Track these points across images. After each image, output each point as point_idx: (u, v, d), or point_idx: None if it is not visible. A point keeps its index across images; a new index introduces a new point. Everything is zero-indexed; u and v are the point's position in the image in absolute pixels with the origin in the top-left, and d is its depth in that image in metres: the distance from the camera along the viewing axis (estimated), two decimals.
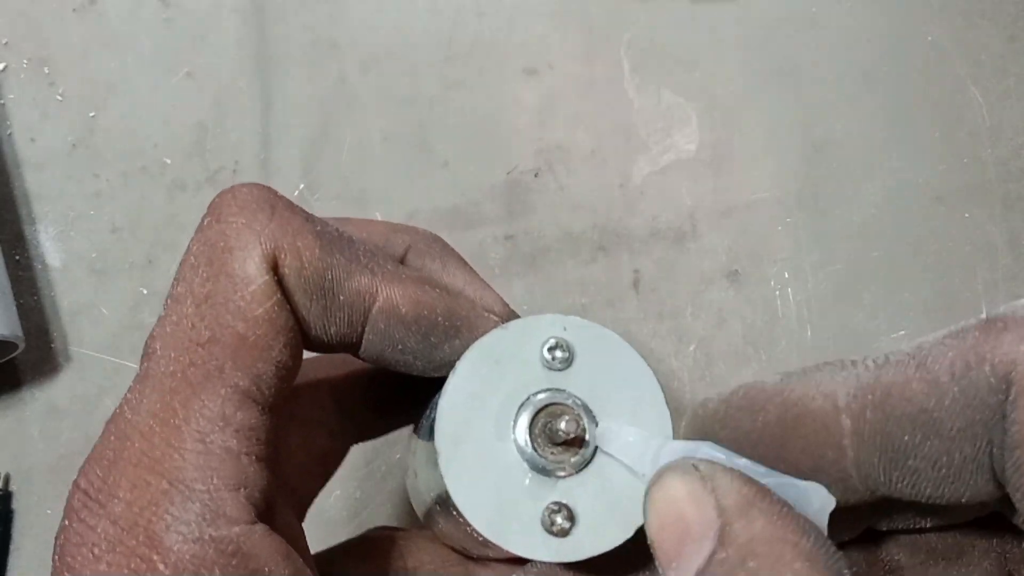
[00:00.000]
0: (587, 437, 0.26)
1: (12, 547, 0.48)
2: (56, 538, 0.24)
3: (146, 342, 0.26)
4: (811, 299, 0.54)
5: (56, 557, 0.24)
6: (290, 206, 0.27)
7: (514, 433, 0.26)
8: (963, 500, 0.23)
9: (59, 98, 0.53)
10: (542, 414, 0.26)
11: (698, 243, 0.54)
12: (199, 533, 0.23)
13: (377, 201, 0.53)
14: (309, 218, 0.27)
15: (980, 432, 0.22)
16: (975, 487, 0.22)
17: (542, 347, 0.27)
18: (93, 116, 0.53)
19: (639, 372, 0.27)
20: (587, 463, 0.26)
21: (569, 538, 0.25)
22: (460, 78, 0.55)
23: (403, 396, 0.33)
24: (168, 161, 0.53)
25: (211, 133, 0.54)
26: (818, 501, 0.22)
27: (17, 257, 0.51)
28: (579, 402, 0.27)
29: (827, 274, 0.54)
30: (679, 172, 0.55)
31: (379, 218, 0.53)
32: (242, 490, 0.24)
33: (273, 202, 0.26)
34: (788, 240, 0.54)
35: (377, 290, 0.27)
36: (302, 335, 0.27)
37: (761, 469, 0.23)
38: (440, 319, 0.27)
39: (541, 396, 0.26)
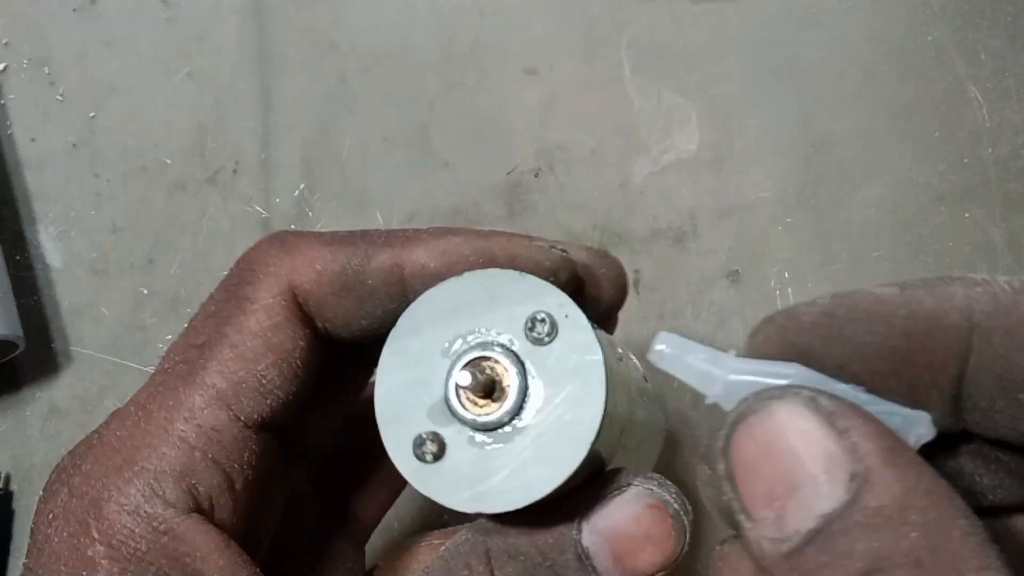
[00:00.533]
0: (509, 383, 0.25)
1: (12, 547, 0.48)
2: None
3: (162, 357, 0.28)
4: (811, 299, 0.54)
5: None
6: (300, 233, 0.28)
7: (446, 395, 0.26)
8: None
9: (59, 98, 0.53)
10: (466, 368, 0.26)
11: (698, 243, 0.54)
12: (135, 507, 0.25)
13: (377, 201, 0.53)
14: (320, 234, 0.28)
15: None
16: None
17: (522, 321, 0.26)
18: (93, 116, 0.53)
19: (585, 345, 0.26)
20: (504, 423, 0.25)
21: (432, 468, 0.25)
22: (460, 78, 0.55)
23: None
24: (168, 161, 0.53)
25: (211, 133, 0.54)
26: (923, 428, 0.21)
27: (17, 257, 0.51)
28: (504, 350, 0.26)
29: (827, 274, 0.54)
30: (679, 172, 0.55)
31: (379, 218, 0.53)
32: (186, 479, 0.25)
33: (284, 237, 0.28)
34: (788, 240, 0.54)
35: (400, 258, 0.27)
36: (347, 332, 0.28)
37: (863, 395, 0.21)
38: (472, 259, 0.27)
39: (465, 352, 0.26)
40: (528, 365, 0.26)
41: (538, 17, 0.56)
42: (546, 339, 0.26)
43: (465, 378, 0.25)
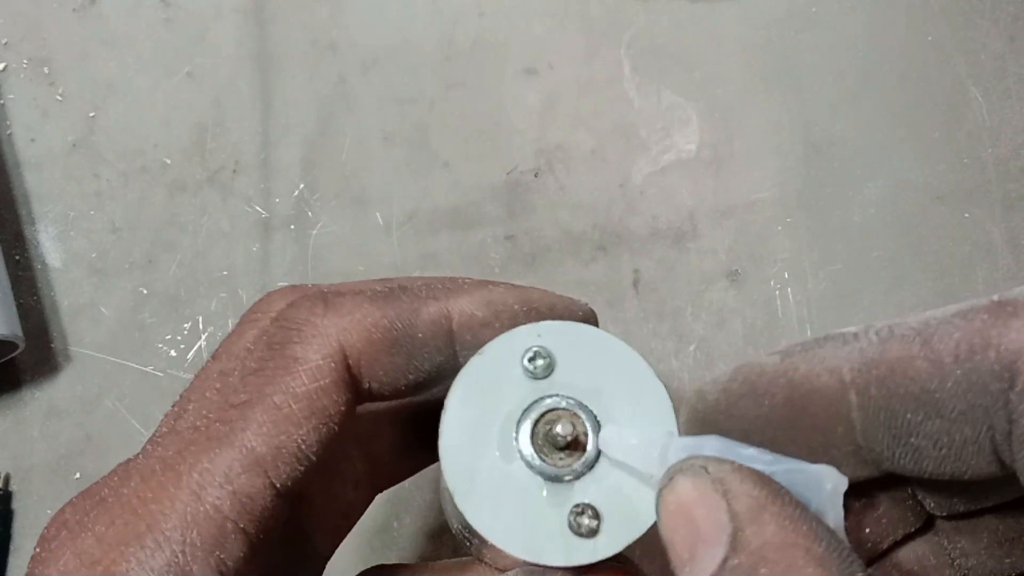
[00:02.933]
0: (588, 435, 0.26)
1: (12, 547, 0.48)
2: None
3: (174, 403, 0.26)
4: (811, 299, 0.54)
5: None
6: (337, 289, 0.27)
7: (519, 449, 0.26)
8: (965, 477, 0.22)
9: (59, 98, 0.53)
10: (540, 423, 0.26)
11: (698, 243, 0.54)
12: None
13: (377, 201, 0.53)
14: (360, 289, 0.27)
15: (981, 416, 0.21)
16: (976, 467, 0.22)
17: (522, 359, 0.27)
18: (93, 116, 0.53)
19: (630, 362, 0.27)
20: (595, 462, 0.26)
21: (600, 536, 0.25)
22: (460, 78, 0.55)
23: (431, 433, 0.33)
24: (168, 161, 0.53)
25: (211, 133, 0.54)
26: (830, 483, 0.22)
27: (17, 257, 0.51)
28: (572, 402, 0.26)
29: (827, 274, 0.54)
30: (679, 172, 0.55)
31: (379, 218, 0.53)
32: (215, 554, 0.23)
33: (324, 296, 0.27)
34: (788, 240, 0.54)
35: (447, 309, 0.27)
36: (400, 388, 0.27)
37: (768, 456, 0.23)
38: (516, 307, 0.27)
39: (534, 407, 0.26)
40: (598, 416, 0.27)
41: (538, 17, 0.56)
42: (542, 375, 0.27)
43: (567, 427, 0.25)
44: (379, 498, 0.34)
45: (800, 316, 0.53)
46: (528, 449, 0.26)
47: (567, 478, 0.26)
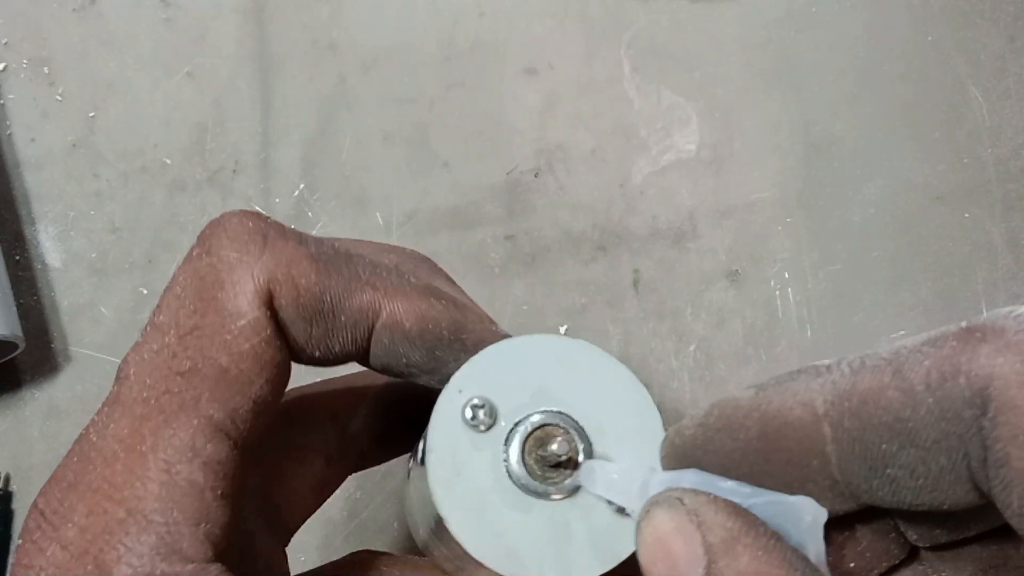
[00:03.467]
0: (580, 455, 0.26)
1: (12, 547, 0.48)
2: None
3: (120, 366, 0.25)
4: (811, 299, 0.54)
5: None
6: (283, 232, 0.26)
7: (507, 459, 0.26)
8: (944, 507, 0.22)
9: (59, 98, 0.53)
10: (531, 439, 0.26)
11: (698, 243, 0.54)
12: (151, 567, 0.22)
13: (377, 201, 0.53)
14: (303, 240, 0.26)
15: (956, 444, 0.21)
16: (954, 496, 0.22)
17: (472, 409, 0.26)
18: (93, 116, 0.53)
19: (636, 396, 0.27)
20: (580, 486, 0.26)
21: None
22: (460, 78, 0.55)
23: (407, 423, 0.32)
24: (168, 161, 0.53)
25: (211, 133, 0.54)
26: (809, 514, 0.22)
27: (17, 257, 0.51)
28: (571, 422, 0.26)
29: (827, 274, 0.54)
30: (679, 172, 0.55)
31: (379, 219, 0.53)
32: (202, 525, 0.23)
33: (265, 231, 0.26)
34: (788, 240, 0.54)
35: (380, 305, 0.26)
36: (303, 355, 0.26)
37: (747, 489, 0.23)
38: (445, 333, 0.27)
39: (524, 422, 0.26)
40: (590, 436, 0.26)
41: (538, 17, 0.56)
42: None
43: (562, 447, 0.25)
44: (377, 499, 0.34)
45: (800, 316, 0.53)
46: (517, 466, 0.26)
47: (555, 496, 0.26)
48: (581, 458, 0.26)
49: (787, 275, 0.54)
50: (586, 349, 0.27)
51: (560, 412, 0.26)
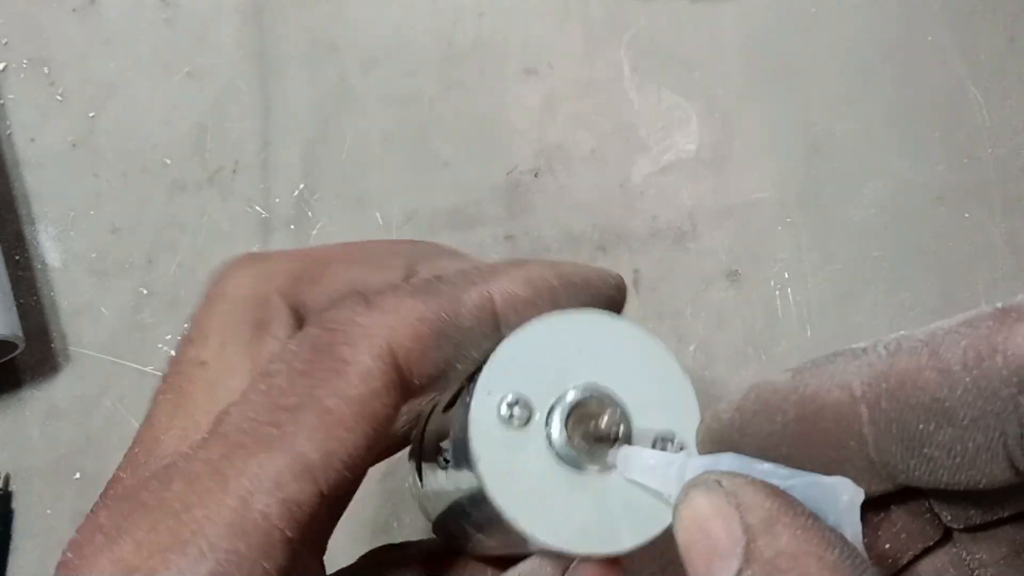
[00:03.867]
0: (622, 430, 0.26)
1: (12, 547, 0.48)
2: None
3: (218, 415, 0.25)
4: (811, 299, 0.54)
5: None
6: (382, 289, 0.26)
7: (552, 443, 0.26)
8: (980, 486, 0.23)
9: (59, 98, 0.53)
10: (574, 414, 0.26)
11: (698, 243, 0.54)
12: None
13: (377, 201, 0.53)
14: (398, 285, 0.26)
15: (992, 423, 0.22)
16: (991, 474, 0.22)
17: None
18: (93, 116, 0.53)
19: (657, 356, 0.27)
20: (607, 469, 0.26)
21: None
22: (460, 78, 0.55)
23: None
24: (168, 161, 0.53)
25: (211, 133, 0.54)
26: (847, 494, 0.22)
27: (17, 257, 0.51)
28: (606, 395, 0.26)
29: (827, 274, 0.54)
30: (679, 172, 0.55)
31: (379, 218, 0.53)
32: (262, 563, 0.22)
33: (367, 296, 0.26)
34: (788, 240, 0.54)
35: (489, 292, 0.26)
36: (455, 375, 0.26)
37: (784, 471, 0.23)
38: (555, 283, 0.27)
39: (568, 397, 0.26)
40: (630, 410, 0.26)
41: (538, 17, 0.56)
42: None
43: (611, 419, 0.25)
44: (379, 497, 0.34)
45: (800, 316, 0.53)
46: (563, 447, 0.26)
47: (597, 470, 0.26)
48: (622, 430, 0.26)
49: (787, 275, 0.54)
50: (612, 322, 0.27)
51: (595, 385, 0.26)
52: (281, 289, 0.28)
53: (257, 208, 0.53)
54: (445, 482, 0.29)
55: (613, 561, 0.26)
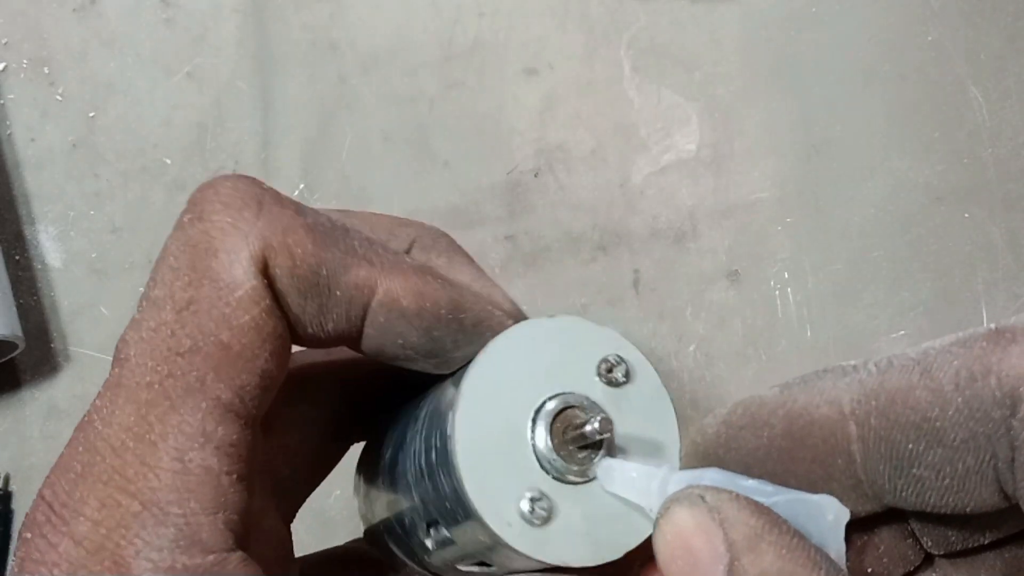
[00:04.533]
0: (606, 435, 0.25)
1: (12, 547, 0.48)
2: (15, 552, 0.23)
3: (118, 346, 0.24)
4: (811, 299, 0.54)
5: (13, 573, 0.23)
6: (279, 199, 0.25)
7: (537, 453, 0.25)
8: (968, 510, 0.22)
9: (59, 98, 0.53)
10: (558, 420, 0.25)
11: (698, 243, 0.54)
12: (171, 561, 0.21)
13: (377, 201, 0.53)
14: (300, 210, 0.25)
15: (984, 444, 0.21)
16: (979, 498, 0.22)
17: (592, 362, 0.26)
18: (93, 116, 0.53)
19: (655, 394, 0.26)
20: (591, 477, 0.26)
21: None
22: (460, 78, 0.55)
23: (415, 389, 0.32)
24: (168, 161, 0.53)
25: (211, 133, 0.54)
26: (832, 513, 0.22)
27: (17, 257, 0.51)
28: (589, 402, 0.26)
29: (827, 274, 0.54)
30: (679, 172, 0.55)
31: None
32: (220, 514, 0.22)
33: (260, 196, 0.25)
34: (788, 240, 0.54)
35: (376, 282, 0.25)
36: (295, 333, 0.25)
37: (769, 488, 0.23)
38: (444, 312, 0.26)
39: (549, 406, 0.25)
40: (611, 413, 0.26)
41: (538, 17, 0.56)
42: (622, 381, 0.26)
43: (602, 425, 0.25)
44: None
45: (800, 316, 0.53)
46: (549, 456, 0.25)
47: (570, 479, 0.26)
48: (607, 436, 0.25)
49: (787, 275, 0.54)
50: (585, 328, 0.27)
51: (573, 394, 0.26)
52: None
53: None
54: (414, 490, 0.28)
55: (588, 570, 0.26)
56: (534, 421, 0.25)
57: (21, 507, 0.48)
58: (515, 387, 0.26)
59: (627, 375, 0.26)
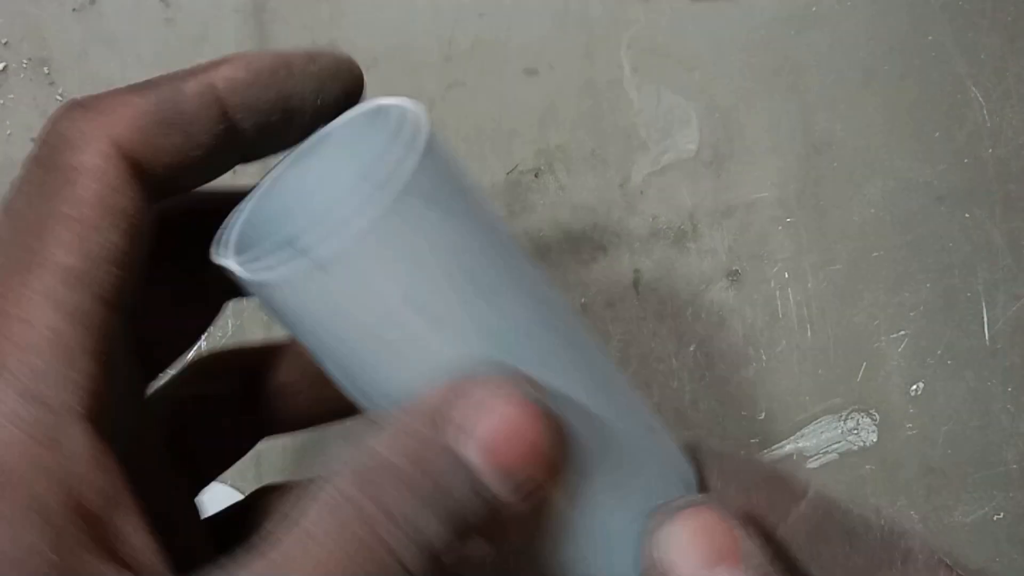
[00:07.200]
0: None
1: None
2: None
3: None
4: (811, 299, 0.54)
5: None
6: (100, 94, 0.26)
7: None
8: None
9: (59, 98, 0.53)
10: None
11: (698, 243, 0.54)
12: (13, 418, 0.21)
13: None
14: (118, 88, 0.26)
15: None
16: None
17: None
18: None
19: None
20: None
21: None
22: (460, 78, 0.55)
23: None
24: None
25: None
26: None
27: None
28: None
29: (827, 274, 0.54)
30: (679, 172, 0.55)
31: None
32: (68, 377, 0.22)
33: (83, 100, 0.25)
34: (788, 240, 0.54)
35: (211, 79, 0.26)
36: (190, 174, 0.27)
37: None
38: (279, 64, 0.28)
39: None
40: None
41: (538, 17, 0.56)
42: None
43: None
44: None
45: (800, 316, 0.54)
46: None
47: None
48: None
49: (787, 275, 0.54)
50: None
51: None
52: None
53: None
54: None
55: None
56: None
57: None
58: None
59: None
